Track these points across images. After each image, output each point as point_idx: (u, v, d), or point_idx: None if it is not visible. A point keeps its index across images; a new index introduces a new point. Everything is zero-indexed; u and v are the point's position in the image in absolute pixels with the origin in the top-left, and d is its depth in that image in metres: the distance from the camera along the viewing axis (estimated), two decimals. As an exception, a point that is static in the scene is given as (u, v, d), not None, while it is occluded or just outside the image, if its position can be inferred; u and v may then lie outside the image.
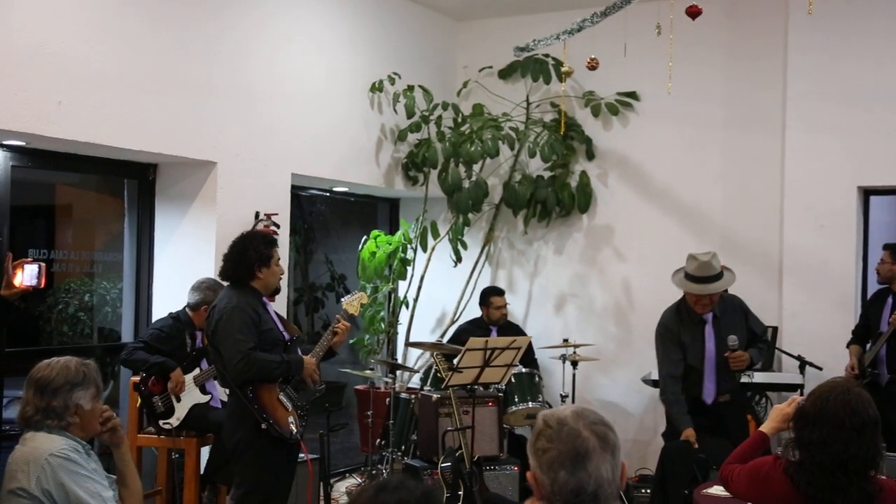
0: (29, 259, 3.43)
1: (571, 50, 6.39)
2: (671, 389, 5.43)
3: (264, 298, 4.75)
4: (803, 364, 6.41)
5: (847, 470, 2.81)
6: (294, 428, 4.65)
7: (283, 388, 4.67)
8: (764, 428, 3.32)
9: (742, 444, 3.36)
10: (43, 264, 3.44)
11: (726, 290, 5.56)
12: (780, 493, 2.89)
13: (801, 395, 6.54)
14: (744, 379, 5.99)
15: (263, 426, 4.51)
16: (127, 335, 6.20)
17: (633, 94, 7.67)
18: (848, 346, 6.42)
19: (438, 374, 5.85)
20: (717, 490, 3.70)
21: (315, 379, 4.78)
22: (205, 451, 5.60)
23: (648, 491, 5.50)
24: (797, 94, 6.98)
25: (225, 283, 4.85)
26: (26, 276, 3.39)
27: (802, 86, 6.96)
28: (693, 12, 4.99)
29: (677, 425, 5.31)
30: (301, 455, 4.87)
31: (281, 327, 4.76)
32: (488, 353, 5.36)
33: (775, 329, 6.91)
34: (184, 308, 5.56)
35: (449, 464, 5.41)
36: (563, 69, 6.45)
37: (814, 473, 2.81)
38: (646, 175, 7.71)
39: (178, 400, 5.35)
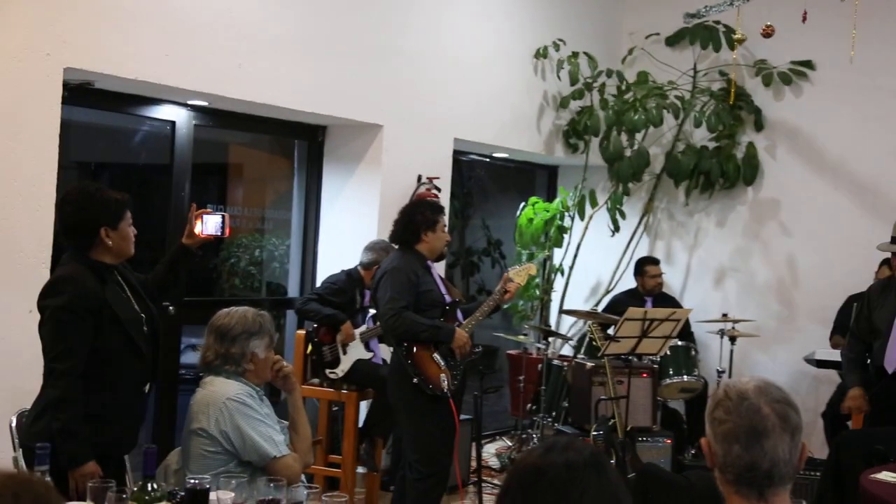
0: (209, 210, 3.62)
1: (744, 17, 6.18)
2: (852, 347, 5.27)
3: (429, 262, 4.87)
4: None
5: None
6: (445, 385, 4.76)
7: (437, 348, 4.78)
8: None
9: None
10: (226, 214, 3.62)
11: None
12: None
13: None
14: None
15: (415, 380, 4.65)
16: (293, 290, 6.47)
17: (808, 64, 7.36)
18: None
19: (593, 343, 5.84)
20: (887, 475, 3.57)
21: (464, 352, 4.84)
22: (363, 406, 5.80)
23: (814, 474, 5.31)
24: None
25: (395, 246, 5.01)
26: (209, 225, 3.57)
27: None
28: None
29: (846, 383, 5.17)
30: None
31: (443, 290, 4.88)
32: (646, 323, 5.31)
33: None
34: (356, 266, 5.75)
35: (601, 432, 5.41)
36: (735, 36, 6.24)
37: None
38: (818, 148, 7.41)
39: (345, 352, 5.56)
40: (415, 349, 4.70)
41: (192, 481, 2.54)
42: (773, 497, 1.96)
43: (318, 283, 6.15)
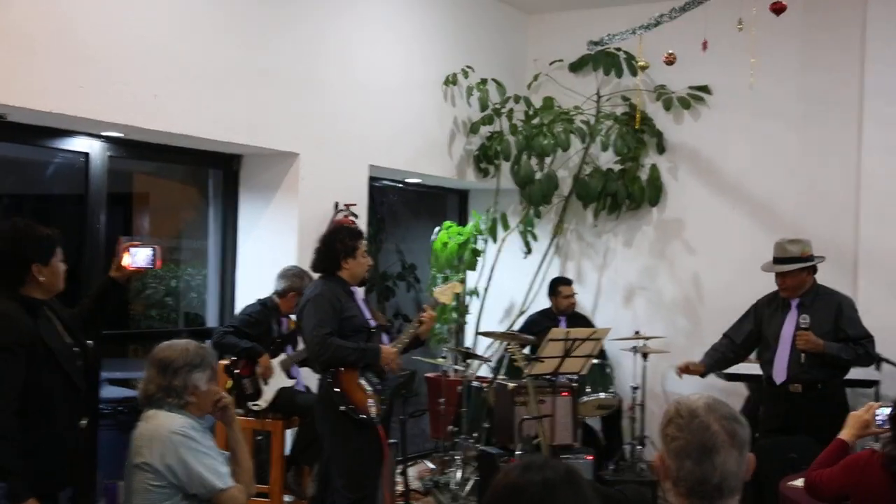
0: (136, 242, 3.60)
1: (645, 45, 6.45)
2: (719, 343, 5.77)
3: (352, 287, 4.91)
4: (879, 361, 6.39)
5: None
6: (374, 411, 4.79)
7: (363, 374, 4.81)
8: (843, 435, 3.37)
9: (823, 453, 3.41)
10: (157, 247, 3.61)
11: (822, 286, 5.58)
12: (877, 485, 2.95)
13: (878, 391, 6.55)
14: None
15: (342, 408, 4.67)
16: (212, 320, 6.41)
17: (705, 88, 7.69)
18: None
19: (514, 364, 5.95)
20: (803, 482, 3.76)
21: (393, 368, 4.91)
22: (289, 434, 5.78)
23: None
24: (875, 88, 6.95)
25: (315, 274, 5.03)
26: (139, 257, 3.55)
27: (881, 79, 6.93)
28: (777, 9, 5.01)
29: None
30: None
31: (367, 314, 4.92)
32: (569, 343, 5.46)
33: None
34: (271, 295, 5.74)
35: (526, 451, 5.52)
36: (639, 63, 6.51)
37: None
38: (717, 169, 7.74)
39: (266, 383, 5.53)
40: (341, 376, 4.72)
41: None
42: None
43: (237, 312, 6.12)
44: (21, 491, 2.98)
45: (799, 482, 3.95)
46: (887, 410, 3.23)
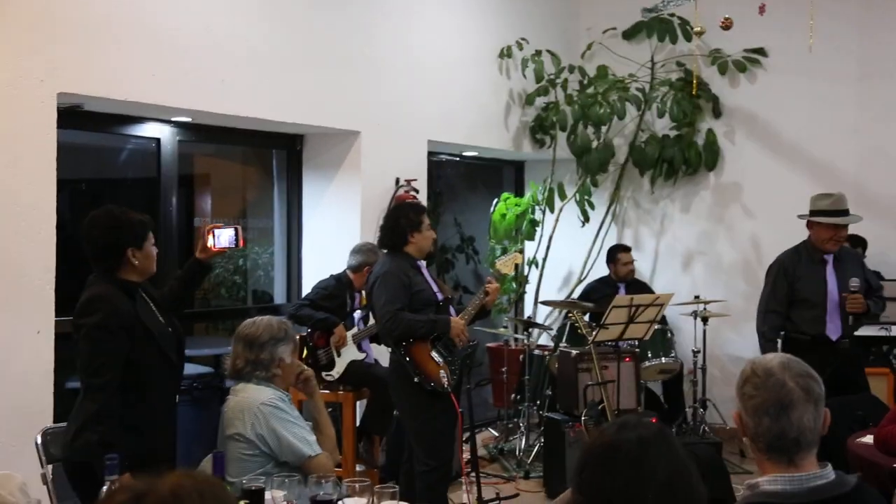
0: (219, 224, 3.76)
1: (700, 9, 6.43)
2: (771, 323, 5.58)
3: (419, 262, 5.04)
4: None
5: None
6: (445, 381, 4.93)
7: (434, 345, 4.95)
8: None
9: (894, 408, 3.46)
10: (239, 227, 3.77)
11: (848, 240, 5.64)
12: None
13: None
14: (880, 332, 6.04)
15: (416, 379, 4.82)
16: (280, 297, 6.60)
17: (760, 51, 7.66)
18: None
19: (578, 331, 6.05)
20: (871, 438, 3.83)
21: (463, 339, 5.04)
22: (360, 405, 5.96)
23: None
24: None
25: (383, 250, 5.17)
26: (222, 238, 3.70)
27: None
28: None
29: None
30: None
31: (435, 288, 5.04)
32: (633, 309, 5.54)
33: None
34: (345, 270, 5.89)
35: (592, 416, 5.63)
36: (695, 29, 6.50)
37: None
38: (774, 132, 7.71)
39: (339, 355, 5.71)
40: (413, 349, 4.87)
41: (245, 482, 2.69)
42: (801, 461, 2.17)
43: (305, 288, 6.31)
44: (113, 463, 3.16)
45: (867, 438, 4.02)
46: None
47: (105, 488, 2.60)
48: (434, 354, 4.93)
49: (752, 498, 2.15)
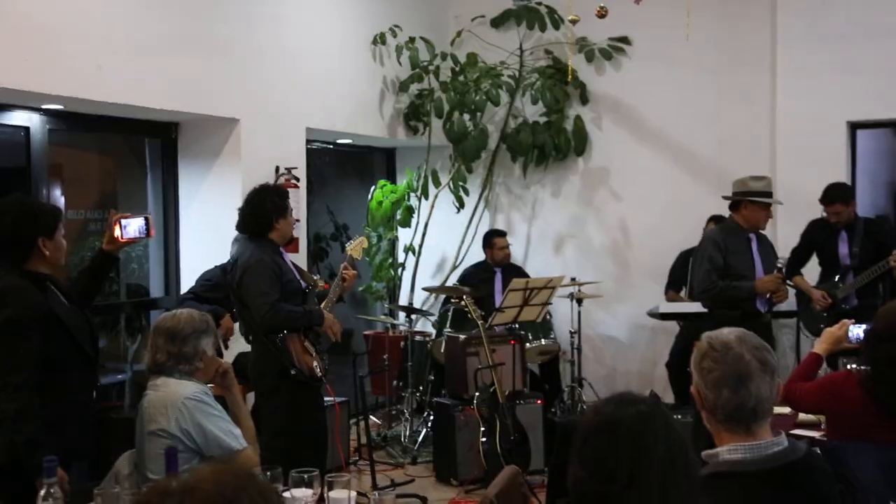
0: (127, 214, 3.61)
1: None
2: (720, 282, 5.65)
3: (281, 249, 4.94)
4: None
5: None
6: (319, 371, 4.89)
7: (306, 336, 4.90)
8: (817, 349, 3.65)
9: (800, 365, 3.68)
10: (149, 216, 3.63)
11: None
12: (855, 404, 3.21)
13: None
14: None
15: (293, 371, 4.74)
16: (157, 291, 6.37)
17: (625, 39, 7.93)
18: (791, 277, 6.53)
19: (470, 316, 6.09)
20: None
21: (335, 331, 5.01)
22: (250, 398, 5.82)
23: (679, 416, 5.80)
24: (787, 34, 7.30)
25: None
26: (130, 229, 3.55)
27: (792, 26, 7.28)
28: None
29: (745, 293, 5.55)
30: (328, 398, 5.15)
31: (298, 277, 4.95)
32: (527, 292, 5.64)
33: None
34: (230, 260, 5.72)
35: (484, 399, 5.72)
36: (569, 17, 6.64)
37: (893, 385, 3.12)
38: (639, 118, 8.01)
39: (226, 347, 5.56)
40: (289, 341, 4.78)
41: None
42: (758, 430, 2.28)
43: (186, 281, 6.11)
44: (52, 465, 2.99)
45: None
46: (857, 328, 3.54)
47: (42, 492, 2.45)
48: (307, 345, 4.88)
49: (716, 467, 2.24)
